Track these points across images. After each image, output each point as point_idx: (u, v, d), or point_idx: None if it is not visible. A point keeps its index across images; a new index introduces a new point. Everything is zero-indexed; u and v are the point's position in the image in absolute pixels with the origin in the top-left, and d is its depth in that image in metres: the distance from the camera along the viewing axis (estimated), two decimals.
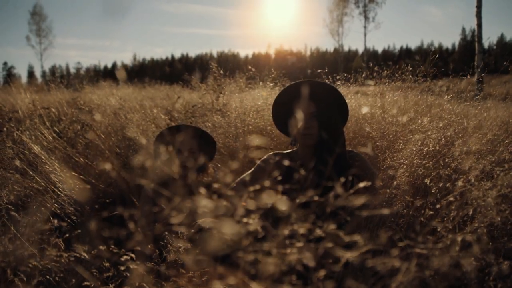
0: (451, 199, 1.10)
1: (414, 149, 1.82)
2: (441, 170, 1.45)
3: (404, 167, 1.72)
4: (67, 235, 1.17)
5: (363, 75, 3.72)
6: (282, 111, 2.40)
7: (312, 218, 0.70)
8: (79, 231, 1.19)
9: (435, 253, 0.76)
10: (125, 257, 0.93)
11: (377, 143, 3.13)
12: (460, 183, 1.16)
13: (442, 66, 3.71)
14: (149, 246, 1.19)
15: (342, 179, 0.94)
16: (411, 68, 3.64)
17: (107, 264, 1.02)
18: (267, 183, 0.82)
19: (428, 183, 1.31)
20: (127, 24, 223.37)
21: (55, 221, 1.01)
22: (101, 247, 0.94)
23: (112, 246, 0.97)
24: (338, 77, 3.69)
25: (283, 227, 0.70)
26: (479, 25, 12.28)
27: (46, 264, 1.02)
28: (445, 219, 1.16)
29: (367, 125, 3.24)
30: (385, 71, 3.58)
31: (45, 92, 8.10)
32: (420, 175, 1.63)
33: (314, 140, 2.26)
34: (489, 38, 24.19)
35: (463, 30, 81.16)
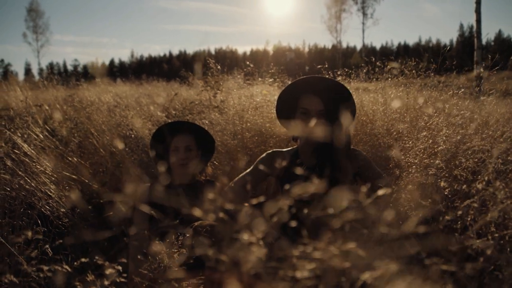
0: (475, 205, 1.00)
1: (422, 147, 1.72)
2: (456, 170, 1.35)
3: (414, 166, 1.62)
4: (47, 246, 1.06)
5: (365, 71, 3.63)
6: (287, 105, 2.30)
7: (327, 235, 0.60)
8: (61, 241, 1.08)
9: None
10: (110, 270, 0.83)
11: (379, 141, 3.03)
12: (479, 185, 1.06)
13: (440, 62, 3.62)
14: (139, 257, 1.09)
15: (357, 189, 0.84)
16: (414, 63, 3.55)
17: (91, 277, 0.92)
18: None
19: (442, 184, 1.21)
20: (125, 21, 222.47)
21: (29, 233, 0.90)
22: (83, 259, 0.84)
23: (97, 258, 0.88)
24: (339, 73, 3.59)
25: (292, 248, 0.60)
26: (478, 20, 12.13)
27: (23, 280, 0.92)
28: (459, 222, 1.06)
29: (368, 122, 3.14)
30: (388, 66, 3.48)
31: (41, 90, 7.97)
32: (430, 176, 1.53)
33: (317, 139, 2.17)
34: (488, 34, 24.09)
35: (461, 26, 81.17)
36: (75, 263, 0.89)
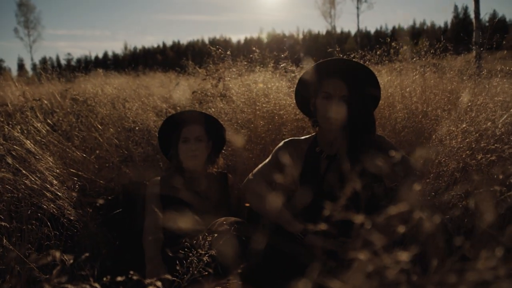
0: None
1: (453, 129, 1.59)
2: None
3: (460, 151, 1.48)
4: (71, 261, 0.92)
5: (378, 53, 3.47)
6: (308, 88, 2.14)
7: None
8: (87, 254, 0.94)
9: None
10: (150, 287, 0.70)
11: (398, 125, 2.90)
12: None
13: (437, 44, 3.49)
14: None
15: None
16: (428, 44, 3.41)
17: None
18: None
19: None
20: (117, 12, 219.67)
21: (57, 254, 0.77)
22: (119, 278, 0.70)
23: (132, 272, 0.74)
24: (353, 55, 3.43)
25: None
26: (477, 0, 11.88)
27: None
28: None
29: (387, 106, 3.01)
30: (404, 47, 3.33)
31: (36, 84, 7.77)
32: (468, 161, 1.39)
33: (339, 126, 2.04)
34: (486, 13, 23.45)
35: (455, 7, 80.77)
36: (105, 278, 0.76)
